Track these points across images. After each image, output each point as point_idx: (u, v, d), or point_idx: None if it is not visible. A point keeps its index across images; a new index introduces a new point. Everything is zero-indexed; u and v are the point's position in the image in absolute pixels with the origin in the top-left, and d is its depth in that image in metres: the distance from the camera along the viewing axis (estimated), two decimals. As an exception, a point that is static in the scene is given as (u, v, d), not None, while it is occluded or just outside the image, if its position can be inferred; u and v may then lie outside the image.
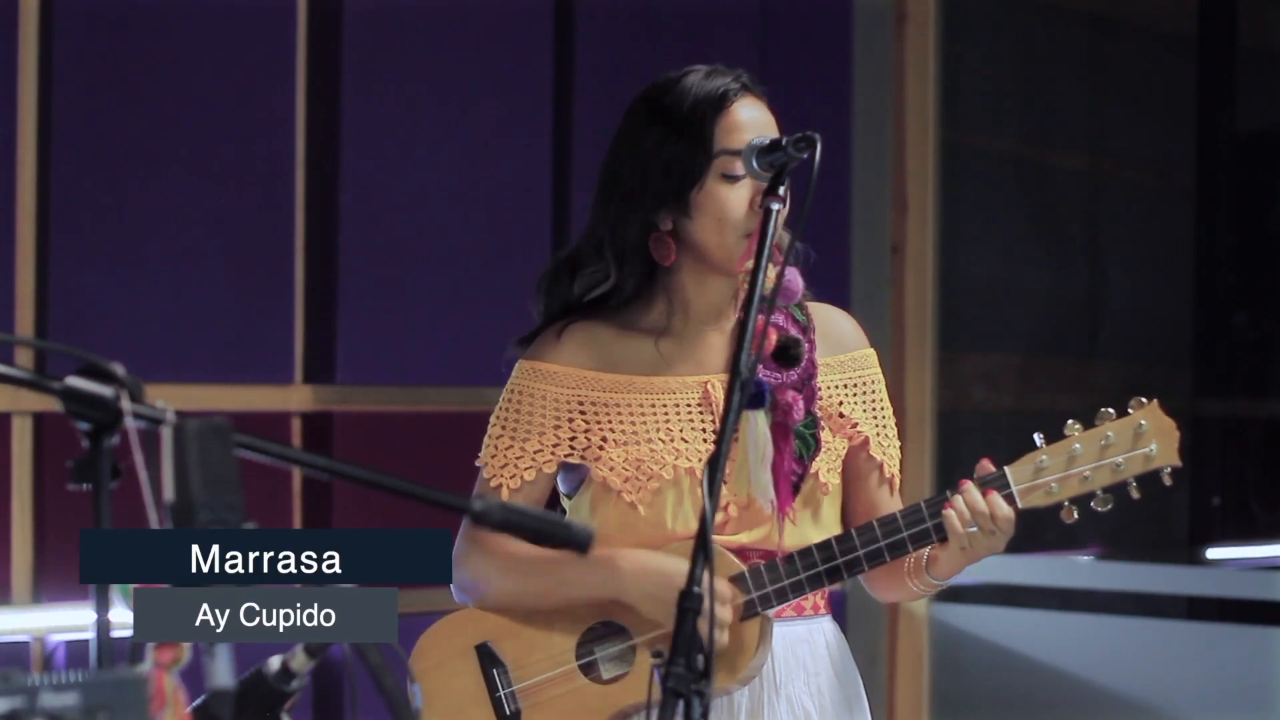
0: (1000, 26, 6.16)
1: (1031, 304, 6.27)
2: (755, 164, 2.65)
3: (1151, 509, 6.29)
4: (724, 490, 2.71)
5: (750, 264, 2.60)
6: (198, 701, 1.87)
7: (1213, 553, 6.27)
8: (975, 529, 2.67)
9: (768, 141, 2.66)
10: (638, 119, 2.78)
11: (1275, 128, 6.64)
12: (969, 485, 2.69)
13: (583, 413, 2.79)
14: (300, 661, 2.23)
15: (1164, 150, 6.65)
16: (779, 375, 2.77)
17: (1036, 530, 2.77)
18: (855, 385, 2.84)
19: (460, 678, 2.80)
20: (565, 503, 2.86)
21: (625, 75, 4.80)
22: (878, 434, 2.84)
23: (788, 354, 2.61)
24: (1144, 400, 2.73)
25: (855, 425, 2.81)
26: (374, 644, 1.76)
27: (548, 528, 1.96)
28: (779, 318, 2.81)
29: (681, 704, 2.20)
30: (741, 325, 2.48)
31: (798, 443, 2.75)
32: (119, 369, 1.86)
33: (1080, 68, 6.53)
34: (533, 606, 2.78)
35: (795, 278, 2.76)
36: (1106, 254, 6.53)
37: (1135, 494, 2.70)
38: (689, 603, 2.25)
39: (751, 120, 2.74)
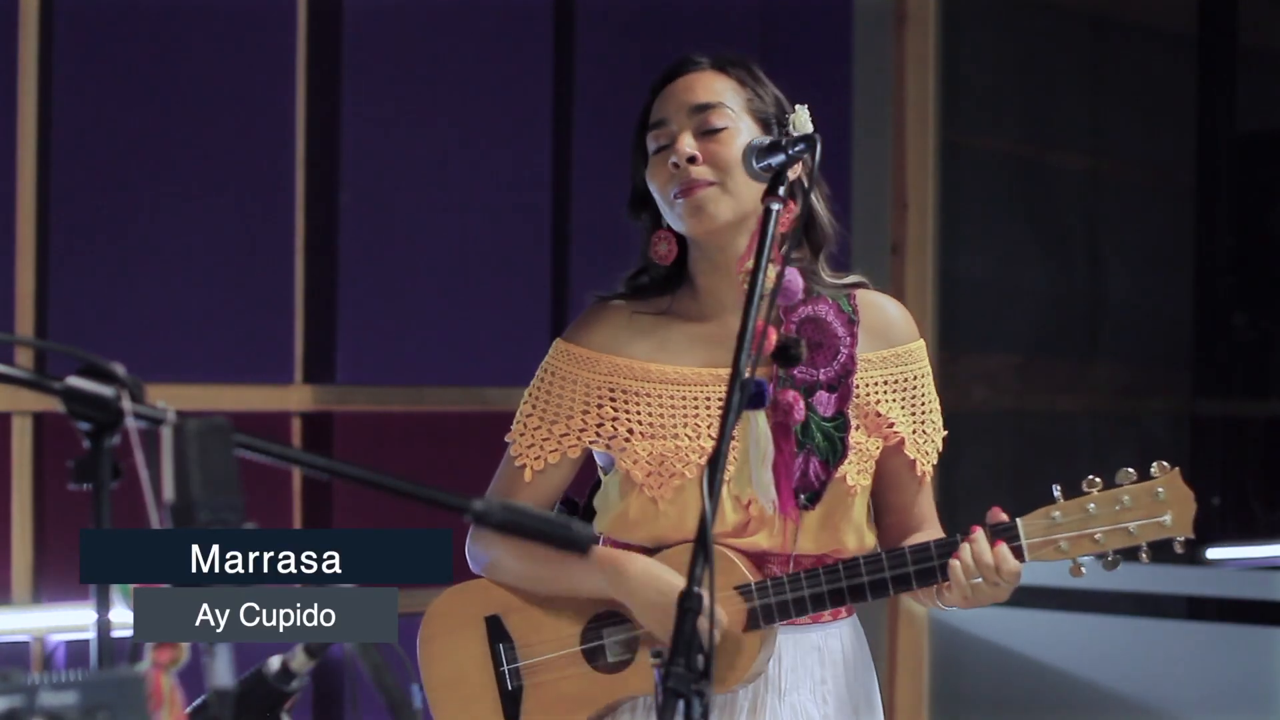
0: (1000, 26, 6.16)
1: (1031, 304, 6.27)
2: (754, 164, 2.64)
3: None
4: (745, 491, 2.71)
5: (750, 264, 2.59)
6: (198, 701, 1.87)
7: (1213, 553, 6.26)
8: (979, 579, 2.66)
9: (767, 142, 2.65)
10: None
11: (1275, 128, 6.64)
12: (979, 535, 2.66)
13: (612, 400, 2.77)
14: (300, 661, 2.23)
15: (1164, 150, 6.66)
16: (811, 373, 2.75)
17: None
18: (897, 381, 2.79)
19: (467, 647, 2.81)
20: (602, 476, 2.85)
21: (625, 75, 4.81)
22: (914, 431, 2.79)
23: (787, 354, 2.60)
24: (1166, 465, 2.68)
25: (891, 425, 2.77)
26: (374, 644, 1.76)
27: (548, 529, 1.95)
28: (826, 308, 2.77)
29: (681, 704, 2.20)
30: (743, 325, 2.47)
31: (825, 444, 2.72)
32: (119, 369, 1.86)
33: (1080, 68, 6.53)
34: (536, 591, 2.79)
35: (795, 277, 2.74)
36: (1106, 254, 6.53)
37: (1145, 558, 2.69)
38: (689, 603, 2.24)
39: (672, 89, 2.77)
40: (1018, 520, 2.68)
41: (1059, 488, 2.68)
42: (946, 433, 2.85)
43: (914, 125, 5.31)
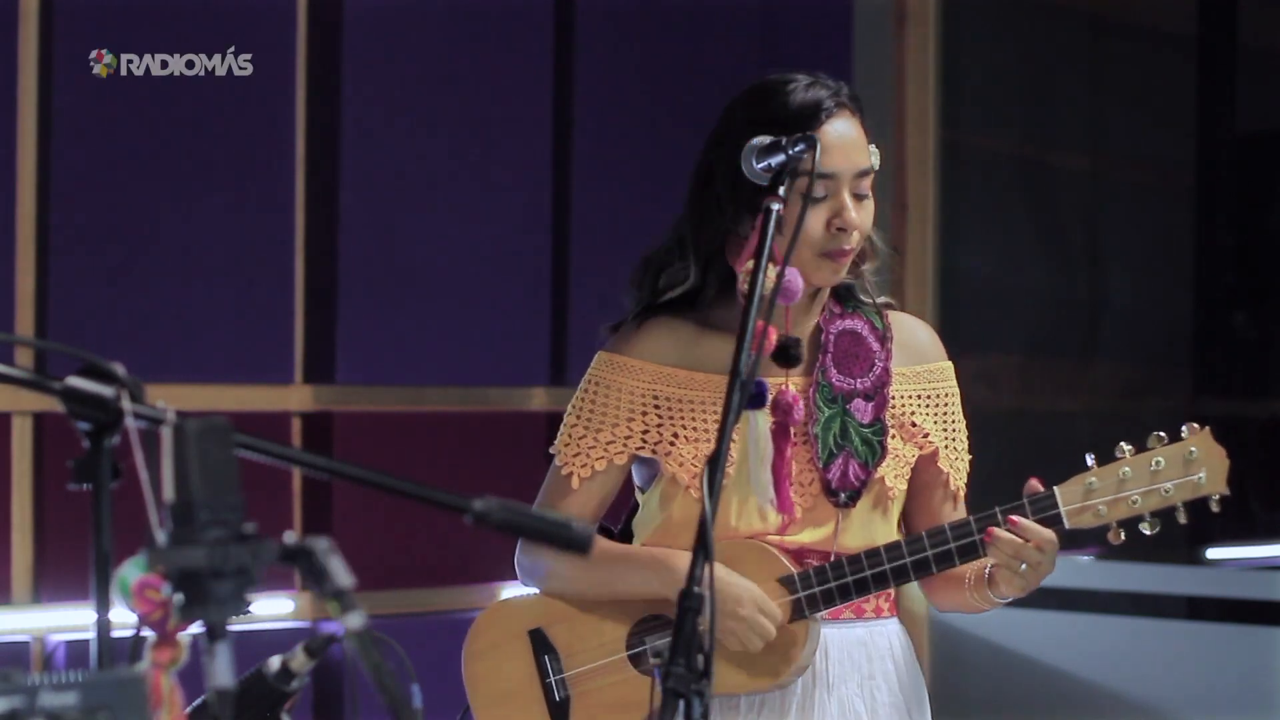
0: (1000, 26, 6.16)
1: (1031, 304, 6.27)
2: (755, 164, 2.65)
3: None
4: (745, 491, 2.74)
5: (750, 264, 2.60)
6: (198, 701, 1.87)
7: (1213, 553, 6.26)
8: (1024, 564, 2.68)
9: (768, 142, 2.66)
10: (736, 122, 2.75)
11: (1275, 128, 6.64)
12: (1016, 524, 2.68)
13: (656, 407, 2.82)
14: (300, 661, 2.23)
15: (1164, 150, 6.65)
16: (849, 382, 2.80)
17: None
18: (929, 396, 2.86)
19: (512, 661, 2.84)
20: (639, 496, 2.89)
21: (625, 75, 4.81)
22: (947, 446, 2.86)
23: (787, 354, 2.61)
24: (1196, 426, 2.73)
25: (926, 435, 2.84)
26: (374, 644, 1.76)
27: (547, 528, 1.95)
28: (861, 324, 2.84)
29: (681, 704, 2.20)
30: (744, 326, 2.47)
31: (864, 448, 2.78)
32: (119, 369, 1.86)
33: (1080, 68, 6.52)
34: (590, 597, 2.82)
35: (795, 278, 2.76)
36: (1106, 254, 6.53)
37: (1183, 519, 2.71)
38: (689, 602, 2.24)
39: (840, 141, 2.74)
40: (1055, 489, 2.72)
41: (1092, 456, 2.72)
42: (972, 457, 2.92)
43: (914, 125, 5.30)
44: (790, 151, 2.63)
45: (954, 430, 2.87)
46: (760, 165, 2.64)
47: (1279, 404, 6.59)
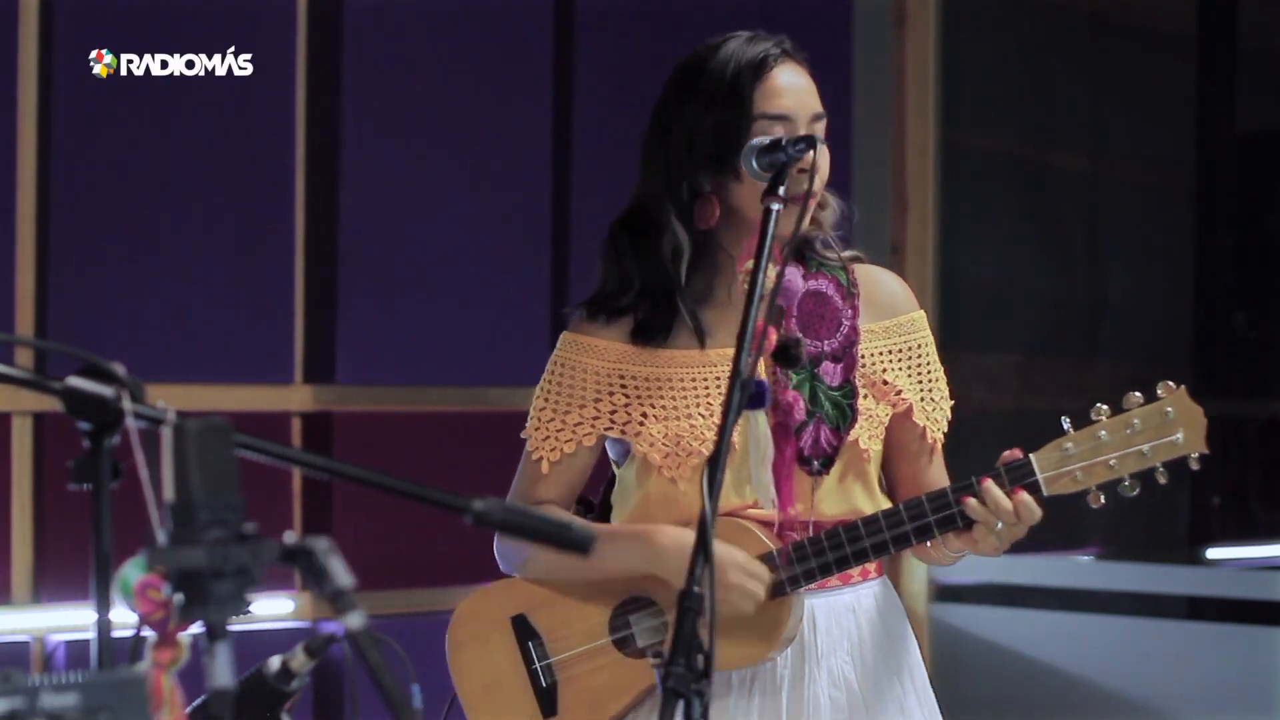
0: (1000, 26, 6.16)
1: (1031, 304, 6.27)
2: (755, 164, 2.66)
3: (1152, 509, 6.29)
4: (746, 490, 2.72)
5: (750, 264, 2.60)
6: (198, 701, 1.87)
7: (1213, 553, 6.26)
8: (1000, 526, 2.67)
9: (768, 142, 2.67)
10: (681, 85, 2.80)
11: (1275, 128, 6.64)
12: (989, 484, 2.67)
13: (623, 387, 2.80)
14: (300, 661, 2.23)
15: (1164, 150, 6.65)
16: (816, 344, 2.75)
17: (1036, 530, 2.76)
18: (901, 350, 2.83)
19: (497, 649, 2.83)
20: (615, 469, 2.88)
21: (625, 75, 4.81)
22: (922, 399, 2.82)
23: (788, 354, 2.61)
24: (1172, 385, 2.70)
25: (899, 392, 2.80)
26: (374, 644, 1.76)
27: (549, 529, 1.95)
28: (825, 282, 2.80)
29: (681, 704, 2.20)
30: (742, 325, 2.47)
31: (834, 412, 2.75)
32: (119, 369, 1.86)
33: (1080, 68, 6.53)
34: (573, 579, 2.80)
35: (795, 277, 2.77)
36: (1106, 254, 6.53)
37: (1163, 479, 2.67)
38: (689, 602, 2.25)
39: (791, 85, 2.76)
40: (1031, 456, 2.68)
41: (1068, 420, 2.68)
42: (954, 402, 2.88)
43: (914, 125, 5.30)
44: (790, 152, 2.64)
45: (930, 381, 2.84)
46: (760, 165, 2.65)
47: (1279, 404, 6.59)
